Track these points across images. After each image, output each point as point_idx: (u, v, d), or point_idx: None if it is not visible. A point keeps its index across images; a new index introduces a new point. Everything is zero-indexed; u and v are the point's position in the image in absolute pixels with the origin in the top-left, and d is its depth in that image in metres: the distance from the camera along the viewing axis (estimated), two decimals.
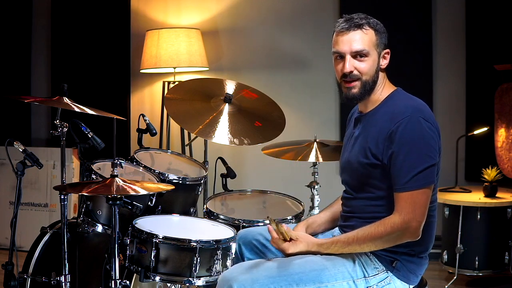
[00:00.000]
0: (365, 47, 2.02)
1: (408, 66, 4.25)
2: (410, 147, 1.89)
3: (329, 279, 1.96)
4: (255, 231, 2.36)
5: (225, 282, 1.92)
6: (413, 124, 1.91)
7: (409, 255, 1.99)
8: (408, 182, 1.89)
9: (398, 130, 1.91)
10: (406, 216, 1.88)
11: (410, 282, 2.02)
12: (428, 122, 1.93)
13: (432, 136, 1.92)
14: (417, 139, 1.90)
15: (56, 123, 2.48)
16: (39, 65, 4.96)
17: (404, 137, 1.90)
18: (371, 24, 2.05)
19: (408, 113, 1.93)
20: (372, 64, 2.04)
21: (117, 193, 2.17)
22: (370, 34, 2.03)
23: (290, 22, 4.45)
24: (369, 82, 2.05)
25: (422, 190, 1.89)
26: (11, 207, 4.50)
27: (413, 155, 1.89)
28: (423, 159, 1.89)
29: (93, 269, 2.59)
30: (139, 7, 4.72)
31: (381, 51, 2.06)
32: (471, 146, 4.20)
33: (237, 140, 2.86)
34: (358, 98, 2.07)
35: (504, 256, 3.61)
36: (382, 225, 1.90)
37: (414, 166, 1.89)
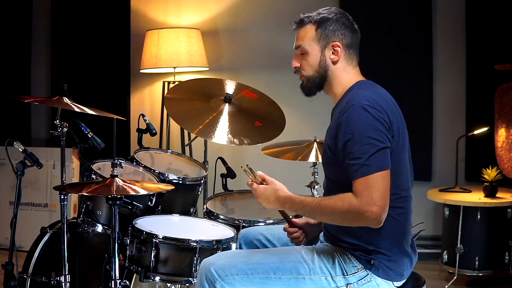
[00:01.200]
0: (302, 43, 2.08)
1: (408, 66, 4.25)
2: (357, 134, 1.87)
3: (306, 272, 1.97)
4: (257, 230, 2.36)
5: (205, 266, 1.97)
6: (356, 111, 1.89)
7: (384, 254, 1.97)
8: (362, 167, 1.84)
9: (344, 120, 1.91)
10: (363, 199, 1.82)
11: (392, 279, 1.99)
12: (374, 108, 1.89)
13: (379, 121, 1.88)
14: (362, 125, 1.88)
15: (56, 123, 2.48)
16: (39, 65, 4.95)
17: (350, 126, 1.89)
18: (312, 19, 2.09)
19: (353, 101, 1.93)
20: (313, 59, 2.06)
21: (117, 193, 2.17)
22: (309, 30, 2.08)
23: (290, 22, 4.39)
24: (313, 77, 2.08)
25: (377, 174, 1.83)
26: (11, 207, 4.50)
27: (361, 141, 1.86)
28: (372, 144, 1.86)
29: (93, 269, 2.59)
30: (139, 7, 4.72)
31: (326, 44, 2.05)
32: (471, 146, 4.20)
33: (237, 140, 2.86)
34: (306, 90, 2.15)
35: (504, 256, 3.61)
36: (341, 200, 1.87)
37: (364, 151, 1.85)
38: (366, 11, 4.15)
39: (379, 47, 4.13)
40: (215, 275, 1.93)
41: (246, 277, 1.95)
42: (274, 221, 2.73)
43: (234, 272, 1.94)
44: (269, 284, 1.96)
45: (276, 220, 2.74)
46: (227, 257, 2.01)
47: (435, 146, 4.28)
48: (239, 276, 1.94)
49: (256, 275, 1.95)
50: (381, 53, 4.16)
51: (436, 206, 4.21)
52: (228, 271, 1.94)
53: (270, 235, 2.31)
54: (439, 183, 4.21)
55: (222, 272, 1.94)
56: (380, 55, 4.14)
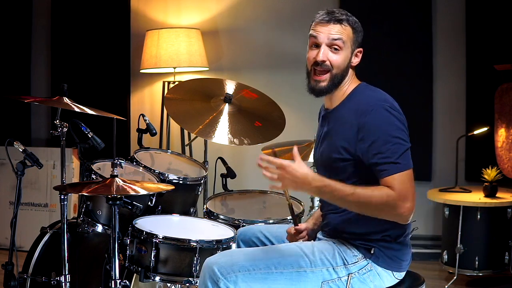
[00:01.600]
0: (342, 39, 2.05)
1: (408, 66, 4.25)
2: (384, 135, 1.90)
3: (308, 265, 1.98)
4: (255, 229, 2.37)
5: (207, 266, 1.98)
6: (379, 113, 1.93)
7: (385, 241, 1.99)
8: (393, 165, 1.87)
9: (367, 122, 1.93)
10: (401, 194, 1.84)
11: (393, 269, 2.02)
12: (394, 110, 1.95)
13: (401, 122, 1.94)
14: (388, 126, 1.91)
15: (56, 123, 2.48)
16: (39, 65, 4.95)
17: (375, 127, 1.91)
18: (350, 21, 2.07)
19: (372, 103, 1.95)
20: (345, 58, 2.06)
21: (117, 193, 2.17)
22: (348, 31, 2.06)
23: (290, 22, 4.45)
24: (338, 76, 2.06)
25: (408, 172, 1.88)
26: (11, 207, 4.50)
27: (389, 141, 1.89)
28: (399, 143, 1.90)
29: (93, 269, 2.59)
30: (139, 7, 4.72)
31: (355, 48, 2.08)
32: (471, 146, 4.20)
33: (237, 140, 2.86)
34: (325, 91, 2.09)
35: (504, 256, 3.61)
36: (379, 191, 1.86)
37: (393, 150, 1.88)
38: (366, 11, 4.14)
39: (379, 47, 4.13)
40: (218, 274, 1.94)
41: (248, 273, 1.95)
42: (274, 221, 2.73)
43: (236, 269, 1.95)
44: (271, 279, 1.96)
45: (276, 220, 2.75)
46: (229, 256, 2.02)
47: (435, 146, 4.28)
48: (241, 273, 1.95)
49: (258, 271, 1.96)
50: (381, 53, 4.16)
51: (436, 206, 4.21)
52: (230, 269, 1.95)
53: (269, 233, 2.32)
54: (439, 183, 4.21)
55: (224, 270, 1.95)
56: (380, 55, 4.14)
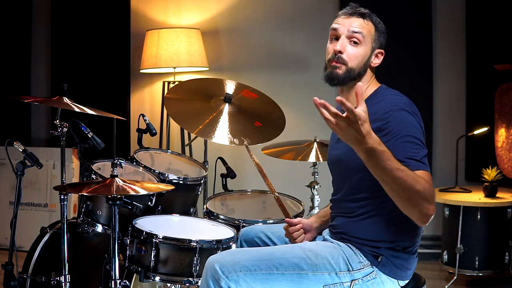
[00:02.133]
0: (363, 33, 2.02)
1: (408, 66, 4.25)
2: (408, 135, 1.87)
3: (309, 268, 1.97)
4: (257, 229, 2.37)
5: (209, 264, 1.98)
6: (404, 114, 1.91)
7: (394, 250, 1.98)
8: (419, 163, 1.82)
9: (390, 122, 1.89)
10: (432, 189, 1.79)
11: (398, 278, 2.01)
12: (417, 116, 1.94)
13: (422, 128, 1.94)
14: (412, 127, 1.90)
15: (56, 123, 2.48)
16: (39, 65, 4.95)
17: (399, 126, 1.88)
18: (374, 19, 2.07)
19: (396, 106, 1.93)
20: (363, 54, 2.03)
21: (117, 193, 2.16)
22: (370, 27, 2.05)
23: (290, 22, 4.45)
24: (354, 70, 2.02)
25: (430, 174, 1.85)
26: (11, 207, 4.50)
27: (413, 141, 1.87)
28: (422, 146, 1.89)
29: (93, 269, 2.59)
30: (139, 7, 4.72)
31: (376, 48, 2.06)
32: (471, 146, 4.20)
33: (237, 140, 2.86)
34: (339, 79, 2.03)
35: (504, 256, 3.61)
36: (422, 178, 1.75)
37: (417, 151, 1.85)
38: None
39: None
40: (220, 272, 1.94)
41: (250, 273, 1.95)
42: (274, 221, 2.73)
43: (238, 269, 1.95)
44: (272, 279, 1.96)
45: (276, 220, 2.75)
46: (231, 255, 2.01)
47: (435, 146, 4.28)
48: (243, 272, 1.94)
49: (259, 271, 1.96)
50: None
51: (436, 206, 4.21)
52: (232, 268, 1.95)
53: (271, 233, 2.32)
54: (439, 183, 4.20)
55: (226, 269, 1.94)
56: None
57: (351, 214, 2.04)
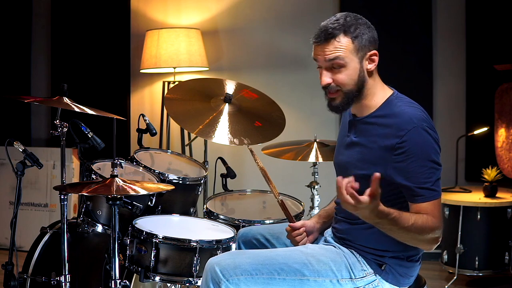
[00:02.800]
0: (339, 58, 1.91)
1: (408, 66, 4.25)
2: (422, 157, 1.84)
3: (311, 274, 1.96)
4: (255, 230, 2.36)
5: (210, 266, 1.97)
6: (420, 133, 1.86)
7: (398, 259, 1.97)
8: (430, 192, 1.84)
9: (406, 142, 1.85)
10: (437, 221, 1.83)
11: (401, 285, 2.00)
12: (433, 131, 1.89)
13: (438, 144, 1.89)
14: (427, 148, 1.85)
15: (56, 123, 2.48)
16: (39, 65, 4.95)
17: (414, 148, 1.85)
18: (347, 31, 1.91)
19: (413, 124, 1.87)
20: (352, 73, 1.93)
21: (117, 193, 2.16)
22: (345, 42, 1.91)
23: (290, 22, 4.45)
24: (352, 91, 1.95)
25: (440, 200, 1.87)
26: (11, 207, 4.50)
27: (426, 164, 1.84)
28: (435, 168, 1.86)
29: (93, 269, 2.59)
30: (139, 7, 4.72)
31: (364, 55, 1.95)
32: (471, 146, 4.20)
33: (237, 140, 2.86)
34: (341, 108, 1.98)
35: (504, 256, 3.61)
36: (422, 218, 1.81)
37: (429, 175, 1.84)
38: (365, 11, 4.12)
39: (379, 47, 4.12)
40: (220, 275, 1.93)
41: (251, 277, 1.94)
42: (274, 221, 2.73)
43: (238, 272, 1.93)
44: (273, 284, 1.95)
45: (275, 220, 2.74)
46: (232, 257, 1.99)
47: None
48: (244, 276, 1.93)
49: (261, 276, 1.94)
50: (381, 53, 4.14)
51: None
52: (232, 271, 1.93)
53: (269, 234, 2.31)
54: None
55: (227, 272, 1.93)
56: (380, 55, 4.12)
57: (354, 220, 2.01)
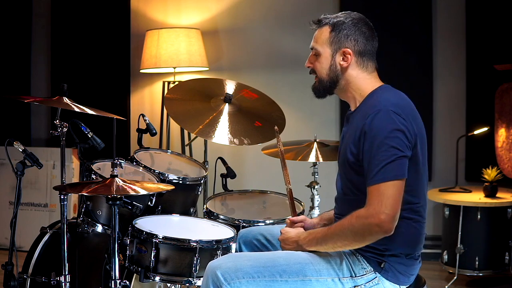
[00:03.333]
0: (316, 45, 2.06)
1: (408, 66, 4.25)
2: (377, 140, 1.85)
3: (313, 274, 1.96)
4: (256, 230, 2.36)
5: (211, 269, 1.96)
6: (381, 116, 1.87)
7: (397, 257, 1.97)
8: (376, 174, 1.83)
9: (367, 123, 1.88)
10: (372, 207, 1.82)
11: (400, 283, 1.99)
12: (399, 116, 1.88)
13: (401, 129, 1.86)
14: (385, 131, 1.85)
15: (56, 123, 2.48)
16: (39, 65, 4.96)
17: (372, 130, 1.87)
18: (331, 21, 2.04)
19: (379, 106, 1.90)
20: (324, 62, 2.05)
21: (117, 193, 2.16)
22: (324, 32, 2.04)
23: (290, 22, 4.45)
24: (324, 80, 2.06)
25: (390, 183, 1.82)
26: (11, 207, 4.50)
27: (381, 147, 1.84)
28: (390, 151, 1.84)
29: (93, 269, 2.59)
30: (139, 7, 4.72)
31: (338, 49, 2.03)
32: (471, 146, 4.20)
33: (237, 140, 2.86)
34: (317, 91, 2.10)
35: (504, 256, 3.61)
36: (349, 217, 1.87)
37: (381, 158, 1.83)
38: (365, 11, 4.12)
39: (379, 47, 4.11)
40: (221, 279, 1.92)
41: (253, 280, 1.93)
42: (274, 221, 2.73)
43: (240, 275, 1.92)
44: (275, 286, 1.94)
45: (276, 220, 2.74)
46: (233, 260, 1.98)
47: (435, 146, 4.28)
48: (245, 279, 1.92)
49: (263, 278, 1.94)
50: (381, 53, 4.13)
51: (436, 206, 4.21)
52: (234, 274, 1.92)
53: (270, 235, 2.30)
54: (439, 183, 4.20)
55: (228, 275, 1.92)
56: (380, 55, 4.12)
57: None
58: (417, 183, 1.96)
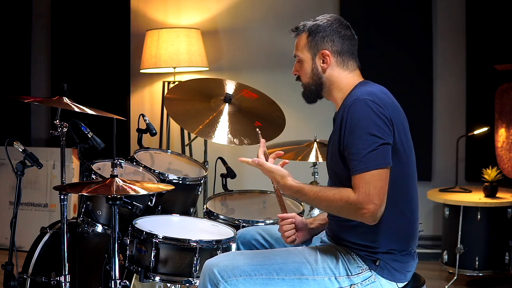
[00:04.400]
0: (297, 52, 2.12)
1: (408, 66, 4.25)
2: (357, 129, 1.86)
3: (310, 273, 1.97)
4: (254, 230, 2.36)
5: (208, 267, 1.97)
6: (357, 106, 1.89)
7: (391, 254, 1.97)
8: (360, 163, 1.84)
9: (345, 115, 1.91)
10: (361, 196, 1.82)
11: (397, 280, 1.99)
12: (376, 104, 1.88)
13: (380, 116, 1.87)
14: (363, 120, 1.87)
15: (56, 123, 2.48)
16: (39, 65, 4.96)
17: (352, 120, 1.88)
18: (308, 26, 2.09)
19: (354, 96, 1.93)
20: (306, 67, 2.09)
21: (117, 193, 2.16)
22: (302, 38, 2.10)
23: (290, 22, 4.39)
24: (309, 85, 2.10)
25: (376, 172, 1.83)
26: (11, 207, 4.50)
27: (360, 136, 1.85)
28: (371, 139, 1.84)
29: (93, 269, 2.59)
30: (139, 7, 4.72)
31: (316, 52, 2.07)
32: (471, 146, 4.20)
33: (237, 140, 2.86)
34: (305, 97, 2.15)
35: (504, 256, 3.61)
36: (339, 194, 1.88)
37: (363, 147, 1.84)
38: (366, 12, 4.14)
39: (379, 47, 4.13)
40: (218, 276, 1.93)
41: (249, 278, 1.94)
42: (274, 221, 2.73)
43: (237, 273, 1.94)
44: (272, 285, 1.95)
45: (275, 220, 2.74)
46: (230, 258, 2.00)
47: (435, 146, 4.28)
48: (242, 277, 1.93)
49: (259, 276, 1.95)
50: (381, 53, 4.16)
51: (436, 206, 4.21)
52: (231, 272, 1.93)
53: (268, 235, 2.31)
54: (439, 183, 4.21)
55: (225, 273, 1.93)
56: (380, 55, 4.14)
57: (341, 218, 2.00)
58: (402, 176, 1.94)
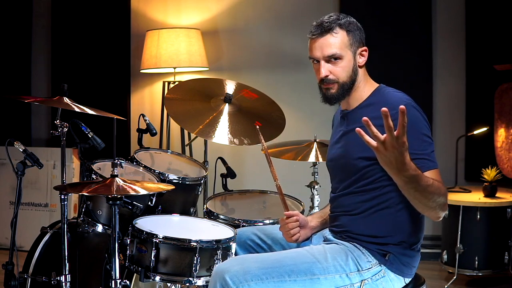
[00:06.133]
0: (337, 50, 2.05)
1: (408, 66, 4.25)
2: (414, 131, 1.89)
3: (321, 272, 1.97)
4: (249, 230, 2.36)
5: (218, 274, 1.95)
6: (410, 110, 1.92)
7: (401, 247, 2.00)
8: (428, 162, 1.91)
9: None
10: (444, 188, 1.89)
11: (404, 275, 2.03)
12: (421, 110, 1.99)
13: (427, 122, 1.99)
14: (419, 123, 1.95)
15: (56, 123, 2.48)
16: (39, 65, 4.96)
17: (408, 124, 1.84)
18: (342, 25, 2.06)
19: (401, 101, 1.94)
20: (347, 65, 2.06)
21: (117, 193, 2.16)
22: (341, 36, 2.05)
23: (290, 22, 4.45)
24: (347, 83, 2.07)
25: (439, 170, 1.93)
26: (11, 207, 4.50)
27: (419, 137, 1.92)
28: (428, 141, 1.95)
29: (93, 269, 2.60)
30: (139, 7, 4.72)
31: (356, 49, 2.08)
32: (471, 146, 4.20)
33: (237, 140, 2.86)
34: (336, 98, 2.09)
35: (504, 256, 3.61)
36: (438, 184, 1.84)
37: (425, 147, 1.92)
38: (366, 12, 4.15)
39: (379, 48, 4.13)
40: (230, 283, 1.91)
41: (261, 282, 1.93)
42: (274, 221, 2.73)
43: (248, 278, 1.92)
44: (284, 287, 1.94)
45: (275, 220, 2.75)
46: (240, 263, 1.97)
47: (435, 146, 4.28)
48: (254, 282, 1.92)
49: (271, 279, 1.94)
50: (381, 53, 4.16)
51: None
52: (242, 277, 1.91)
53: (264, 235, 2.31)
54: None
55: (237, 279, 1.91)
56: (380, 55, 4.13)
57: (354, 210, 2.04)
58: None
